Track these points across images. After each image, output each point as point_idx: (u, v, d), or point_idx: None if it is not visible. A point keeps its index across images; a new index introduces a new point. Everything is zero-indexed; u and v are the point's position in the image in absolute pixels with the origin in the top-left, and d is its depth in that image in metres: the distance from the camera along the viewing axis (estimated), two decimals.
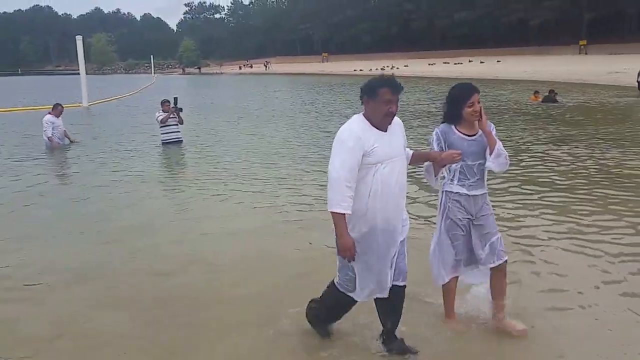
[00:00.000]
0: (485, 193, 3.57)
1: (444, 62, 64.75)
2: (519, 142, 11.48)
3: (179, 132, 12.50)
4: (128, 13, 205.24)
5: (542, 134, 12.65)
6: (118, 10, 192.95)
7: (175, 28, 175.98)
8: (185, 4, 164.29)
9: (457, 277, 3.63)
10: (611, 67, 34.11)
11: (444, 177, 3.54)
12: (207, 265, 5.00)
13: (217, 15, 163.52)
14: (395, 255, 3.18)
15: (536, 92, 20.61)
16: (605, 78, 28.65)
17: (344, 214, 2.97)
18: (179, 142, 12.44)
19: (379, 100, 3.02)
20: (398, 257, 3.20)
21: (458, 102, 3.42)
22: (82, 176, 9.31)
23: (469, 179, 3.48)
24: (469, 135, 3.47)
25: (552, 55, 59.11)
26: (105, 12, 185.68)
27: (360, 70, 63.70)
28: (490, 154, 3.43)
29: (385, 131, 3.10)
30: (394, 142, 3.13)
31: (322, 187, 7.98)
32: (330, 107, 21.95)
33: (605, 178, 7.96)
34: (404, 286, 3.29)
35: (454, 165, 3.43)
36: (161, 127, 12.31)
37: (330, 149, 3.07)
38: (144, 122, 17.29)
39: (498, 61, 57.85)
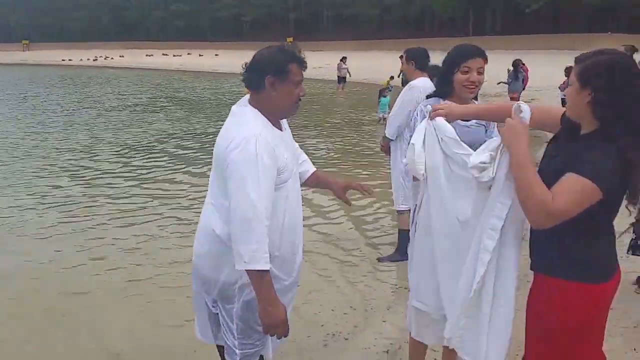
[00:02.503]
0: None
1: (163, 54, 63.32)
2: None
3: None
4: None
5: None
6: None
7: None
8: None
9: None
10: (316, 62, 37.92)
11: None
12: None
13: None
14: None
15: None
16: (313, 72, 31.72)
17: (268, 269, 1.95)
18: None
19: (290, 80, 2.05)
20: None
21: (450, 65, 2.43)
22: None
23: None
24: (462, 120, 2.44)
25: None
26: None
27: (70, 60, 57.92)
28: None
29: (282, 129, 2.15)
30: (290, 144, 2.18)
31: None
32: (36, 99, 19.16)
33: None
34: None
35: None
36: None
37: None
38: None
39: (216, 54, 59.03)
